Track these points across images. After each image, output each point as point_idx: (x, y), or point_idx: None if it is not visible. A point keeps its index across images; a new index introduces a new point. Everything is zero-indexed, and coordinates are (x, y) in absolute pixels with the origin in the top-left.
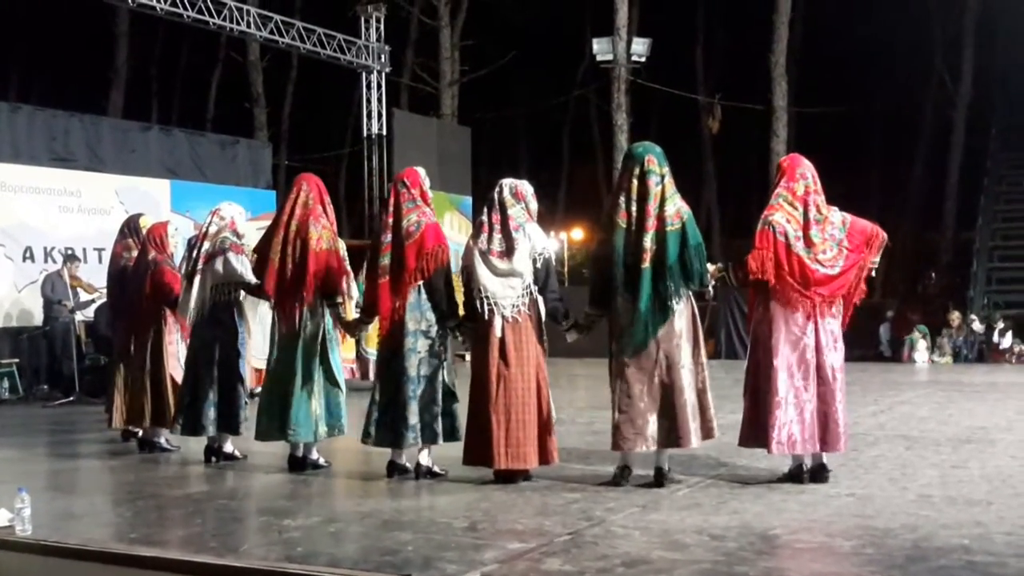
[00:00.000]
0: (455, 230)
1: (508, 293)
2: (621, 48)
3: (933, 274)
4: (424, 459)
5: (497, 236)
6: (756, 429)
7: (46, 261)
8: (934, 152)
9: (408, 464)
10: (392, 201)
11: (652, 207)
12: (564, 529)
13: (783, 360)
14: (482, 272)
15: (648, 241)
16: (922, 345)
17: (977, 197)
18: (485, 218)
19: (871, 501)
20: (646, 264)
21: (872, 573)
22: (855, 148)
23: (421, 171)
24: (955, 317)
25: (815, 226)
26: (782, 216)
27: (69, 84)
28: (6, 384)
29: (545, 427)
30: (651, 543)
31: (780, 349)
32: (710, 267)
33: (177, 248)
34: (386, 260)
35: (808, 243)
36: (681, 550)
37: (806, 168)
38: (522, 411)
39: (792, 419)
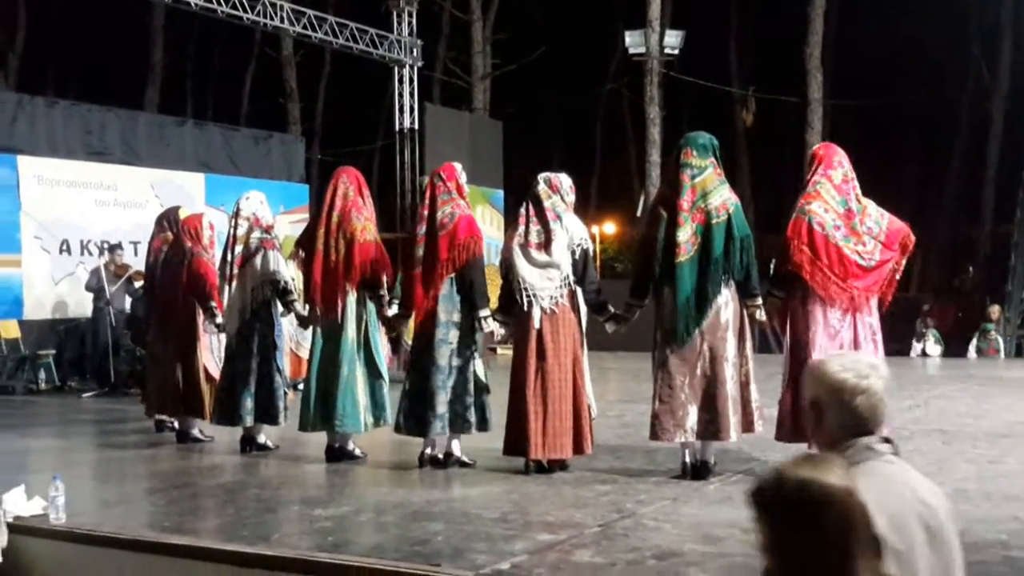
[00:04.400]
0: (487, 223)
1: (546, 285)
2: (654, 41)
3: (971, 268)
4: (454, 449)
5: (535, 228)
6: (796, 424)
7: (82, 254)
8: (971, 145)
9: (439, 454)
10: (428, 194)
11: (688, 201)
12: (595, 521)
13: (820, 354)
14: (521, 264)
15: (681, 235)
16: (930, 343)
17: (1015, 190)
18: (523, 211)
19: None
20: (680, 259)
21: None
22: (891, 141)
23: (458, 166)
24: (995, 311)
25: (856, 216)
26: (819, 205)
27: (105, 79)
28: (43, 375)
29: (580, 418)
30: (682, 536)
31: (817, 343)
32: (764, 311)
33: (212, 241)
34: (420, 251)
35: (850, 232)
36: (713, 543)
37: (842, 156)
38: (559, 402)
39: None
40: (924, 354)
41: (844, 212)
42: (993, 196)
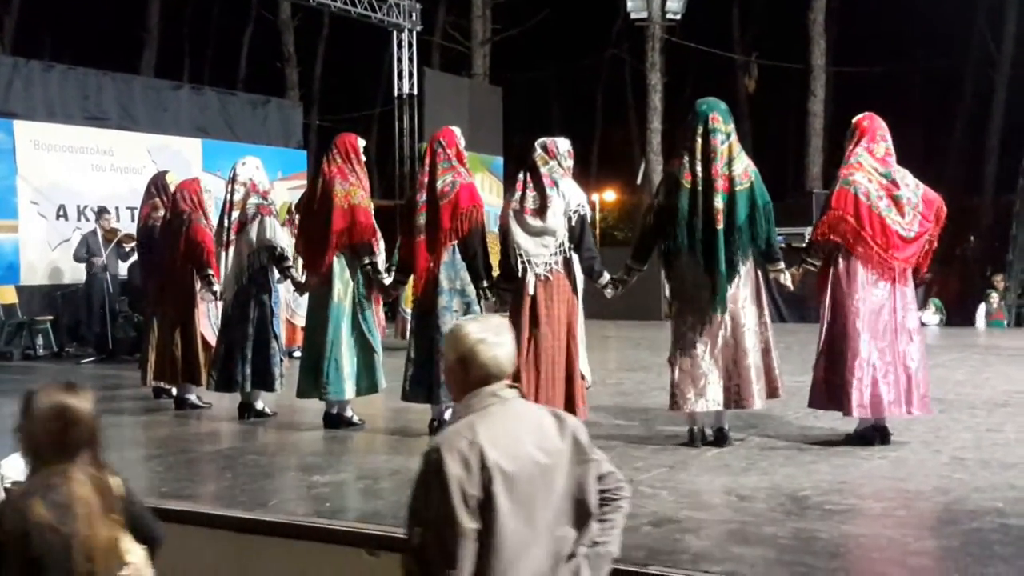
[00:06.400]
0: (487, 191)
1: (541, 251)
2: (656, 5)
3: (972, 238)
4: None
5: (531, 194)
6: (832, 392)
7: (79, 219)
8: (974, 114)
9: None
10: (428, 161)
11: (720, 166)
12: None
13: (864, 322)
14: (516, 230)
15: (719, 201)
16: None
17: (1018, 159)
18: (520, 177)
19: (903, 464)
20: (721, 225)
21: (903, 535)
22: (894, 109)
23: (457, 130)
24: (999, 279)
25: (899, 188)
26: (863, 176)
27: (102, 43)
28: (41, 341)
29: (573, 384)
30: (679, 503)
31: (860, 311)
32: (790, 272)
33: (209, 207)
34: (421, 219)
35: (892, 203)
36: (709, 510)
37: (885, 130)
38: (551, 369)
39: (875, 381)
40: (922, 324)
41: (888, 183)
42: (995, 165)
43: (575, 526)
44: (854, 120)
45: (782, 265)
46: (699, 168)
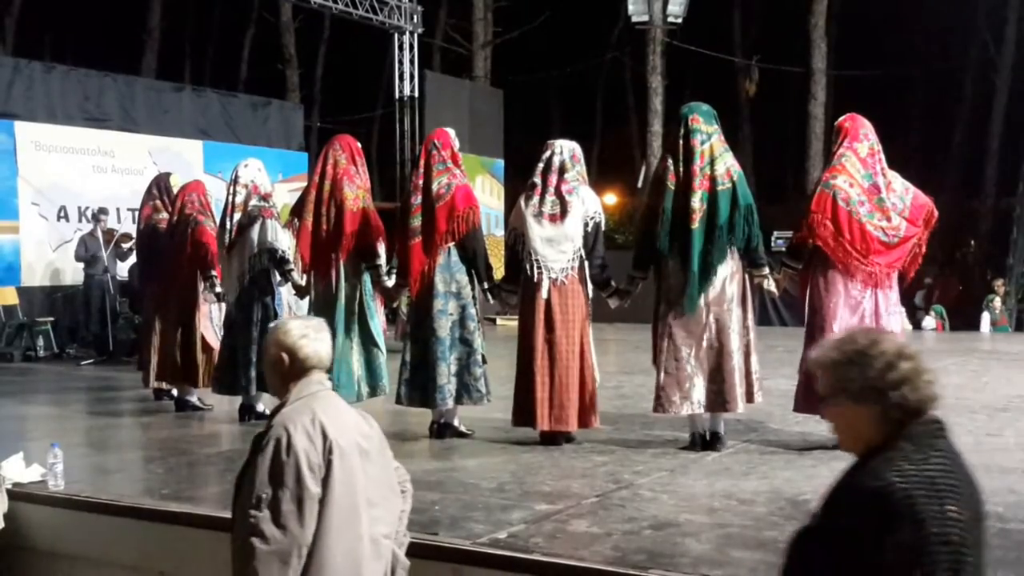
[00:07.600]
0: (487, 193)
1: (559, 257)
2: (657, 8)
3: (972, 242)
4: (454, 419)
5: (550, 199)
6: (810, 396)
7: (80, 221)
8: (975, 117)
9: (446, 422)
10: (423, 162)
11: (699, 166)
12: (592, 491)
13: (841, 325)
14: (533, 235)
15: (696, 201)
16: (928, 319)
17: (1018, 163)
18: (539, 180)
19: None
20: (695, 225)
21: None
22: (895, 112)
23: (451, 132)
24: (999, 284)
25: (881, 191)
26: (844, 180)
27: (103, 45)
28: (41, 342)
29: (588, 391)
30: (679, 506)
31: (838, 314)
32: (774, 278)
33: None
34: (416, 221)
35: (874, 208)
36: (709, 514)
37: (868, 129)
38: (565, 374)
39: None
40: (917, 328)
41: (869, 187)
42: (996, 169)
43: (395, 495)
44: (837, 122)
45: (767, 271)
46: (682, 169)
